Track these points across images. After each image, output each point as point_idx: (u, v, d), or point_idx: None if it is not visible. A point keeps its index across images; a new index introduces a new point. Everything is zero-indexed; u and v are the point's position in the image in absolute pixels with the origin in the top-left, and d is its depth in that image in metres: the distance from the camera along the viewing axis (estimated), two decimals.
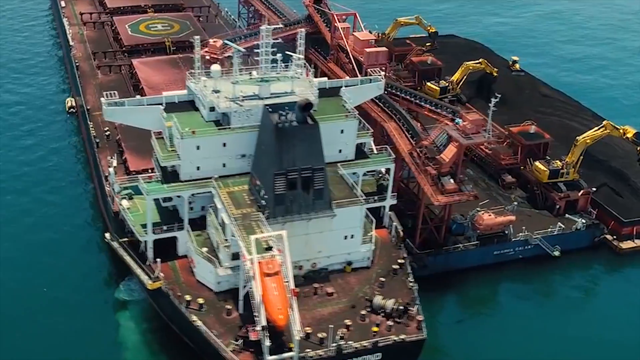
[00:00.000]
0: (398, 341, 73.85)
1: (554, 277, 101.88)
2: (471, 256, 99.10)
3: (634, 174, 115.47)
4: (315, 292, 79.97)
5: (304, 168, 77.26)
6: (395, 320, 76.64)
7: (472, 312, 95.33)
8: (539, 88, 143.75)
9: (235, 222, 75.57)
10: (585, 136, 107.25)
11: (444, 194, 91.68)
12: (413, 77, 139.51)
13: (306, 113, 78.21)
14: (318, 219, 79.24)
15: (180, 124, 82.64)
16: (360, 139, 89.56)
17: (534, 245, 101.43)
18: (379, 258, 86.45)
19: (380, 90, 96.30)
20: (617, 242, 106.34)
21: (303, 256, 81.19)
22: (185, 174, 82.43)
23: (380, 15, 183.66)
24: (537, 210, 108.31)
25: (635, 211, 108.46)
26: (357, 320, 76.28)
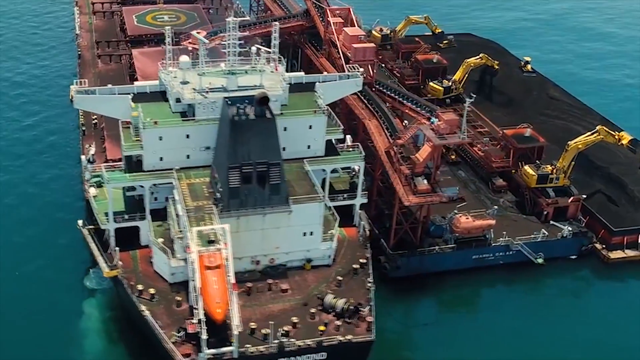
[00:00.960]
0: (344, 342, 72.90)
1: (536, 285, 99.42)
2: (448, 259, 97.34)
3: (633, 182, 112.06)
4: (269, 287, 79.61)
5: (260, 162, 76.98)
6: (346, 320, 75.70)
7: (441, 316, 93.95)
8: (547, 90, 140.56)
9: (186, 213, 75.70)
10: (577, 141, 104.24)
11: (416, 194, 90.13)
12: (417, 75, 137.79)
13: (264, 107, 77.65)
14: (274, 214, 78.88)
15: (146, 114, 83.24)
16: (330, 135, 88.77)
17: (516, 251, 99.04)
18: (343, 257, 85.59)
19: (359, 87, 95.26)
20: (605, 252, 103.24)
21: (260, 251, 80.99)
22: (148, 164, 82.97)
23: (398, 10, 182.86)
24: (524, 216, 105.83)
25: (628, 220, 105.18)
26: (306, 319, 75.62)
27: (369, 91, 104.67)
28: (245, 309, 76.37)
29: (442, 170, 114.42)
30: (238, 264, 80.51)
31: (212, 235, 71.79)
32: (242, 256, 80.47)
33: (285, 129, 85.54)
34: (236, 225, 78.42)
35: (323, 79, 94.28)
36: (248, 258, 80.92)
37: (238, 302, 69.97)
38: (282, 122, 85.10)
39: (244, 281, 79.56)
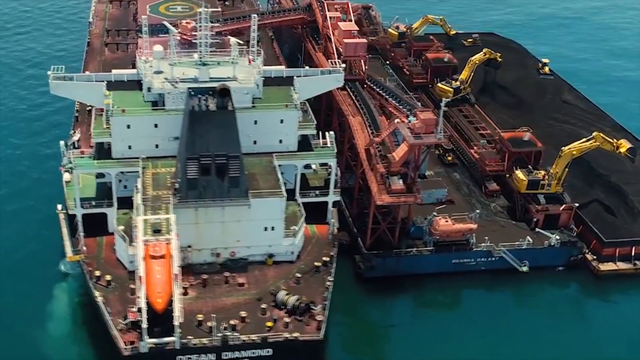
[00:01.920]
0: (291, 339, 72.44)
1: (518, 294, 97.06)
2: (426, 262, 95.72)
3: (635, 192, 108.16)
4: (226, 281, 79.75)
5: (219, 154, 77.08)
6: (296, 318, 75.24)
7: (413, 318, 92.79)
8: (562, 93, 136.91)
9: (143, 202, 76.34)
10: (572, 147, 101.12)
11: (389, 194, 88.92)
12: (425, 74, 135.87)
13: (225, 99, 77.61)
14: (234, 207, 78.93)
15: (118, 102, 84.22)
16: (303, 131, 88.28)
17: (498, 257, 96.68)
18: (309, 254, 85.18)
19: (340, 82, 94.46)
20: (596, 263, 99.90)
21: (221, 244, 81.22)
22: (116, 151, 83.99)
23: (424, 6, 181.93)
24: (514, 222, 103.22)
25: (623, 231, 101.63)
26: (257, 314, 75.44)
27: (358, 87, 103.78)
28: (199, 301, 77.00)
29: (437, 172, 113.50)
30: (198, 256, 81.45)
31: (159, 225, 71.98)
32: (202, 248, 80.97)
33: (256, 122, 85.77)
34: (195, 216, 78.88)
35: (304, 73, 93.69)
36: (208, 250, 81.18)
37: (181, 293, 70.12)
38: (253, 115, 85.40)
39: (203, 273, 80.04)
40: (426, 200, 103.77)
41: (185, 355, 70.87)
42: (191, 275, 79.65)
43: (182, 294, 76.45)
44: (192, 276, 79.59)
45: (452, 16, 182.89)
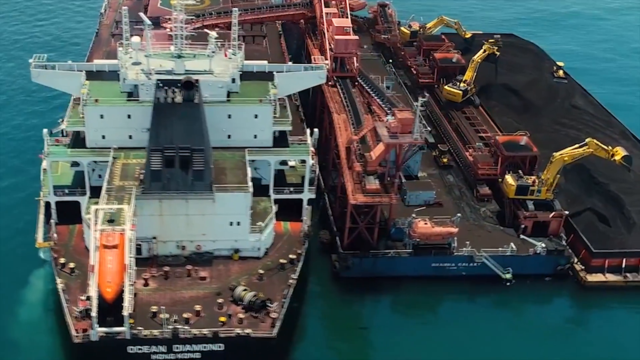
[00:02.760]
0: (242, 335, 72.43)
1: (500, 301, 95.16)
2: (404, 264, 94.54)
3: (633, 203, 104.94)
4: (188, 274, 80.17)
5: (183, 147, 77.45)
6: (252, 314, 75.19)
7: (385, 321, 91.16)
8: (572, 98, 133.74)
9: (107, 192, 77.22)
10: (563, 153, 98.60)
11: (364, 193, 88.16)
12: (432, 74, 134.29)
13: (191, 92, 77.86)
14: (198, 201, 79.23)
15: (95, 92, 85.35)
16: (278, 127, 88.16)
17: (480, 263, 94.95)
18: (278, 250, 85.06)
19: (322, 79, 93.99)
20: (584, 274, 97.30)
21: (186, 237, 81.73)
22: (90, 141, 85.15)
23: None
24: (502, 228, 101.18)
25: (616, 242, 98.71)
26: (213, 309, 75.59)
27: (348, 85, 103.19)
28: (157, 293, 77.63)
29: (431, 174, 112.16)
30: (163, 248, 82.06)
31: (113, 215, 72.64)
32: (167, 240, 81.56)
33: (230, 117, 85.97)
34: (159, 208, 79.47)
35: (287, 69, 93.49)
36: (174, 242, 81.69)
37: (132, 283, 70.71)
38: (227, 109, 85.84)
39: (167, 265, 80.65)
40: (413, 202, 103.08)
41: (136, 346, 71.46)
42: (154, 267, 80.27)
43: (143, 285, 78.11)
44: (155, 268, 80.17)
45: (472, 15, 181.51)
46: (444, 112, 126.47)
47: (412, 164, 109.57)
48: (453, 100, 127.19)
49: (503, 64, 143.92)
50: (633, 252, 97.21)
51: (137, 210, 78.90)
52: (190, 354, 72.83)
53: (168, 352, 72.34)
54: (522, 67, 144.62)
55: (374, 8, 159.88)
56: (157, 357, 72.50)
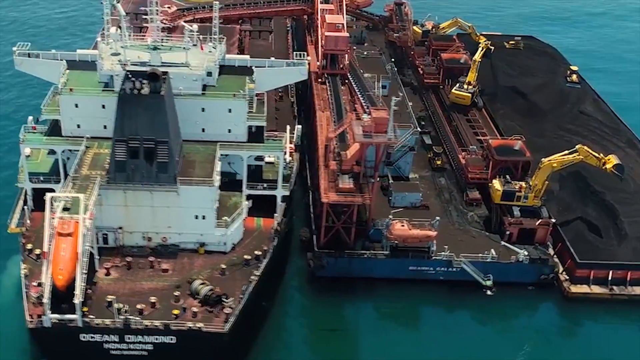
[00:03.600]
0: (194, 329, 72.77)
1: (478, 308, 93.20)
2: (380, 266, 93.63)
3: (628, 213, 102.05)
4: (151, 265, 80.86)
5: (147, 139, 78.09)
6: (207, 308, 75.52)
7: (354, 324, 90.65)
8: (582, 103, 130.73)
9: (72, 180, 78.43)
10: (552, 159, 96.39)
11: (337, 192, 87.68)
12: (438, 74, 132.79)
13: (157, 83, 78.40)
14: (162, 193, 79.84)
15: (72, 82, 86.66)
16: (253, 122, 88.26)
17: (459, 269, 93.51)
18: (246, 246, 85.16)
19: (303, 75, 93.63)
20: (568, 284, 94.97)
21: (152, 228, 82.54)
22: (66, 129, 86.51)
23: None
24: (487, 234, 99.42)
25: (604, 253, 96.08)
26: (170, 301, 76.14)
27: (337, 82, 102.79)
28: (117, 282, 78.56)
29: (424, 175, 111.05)
30: (130, 238, 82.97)
31: (68, 203, 73.61)
32: (133, 231, 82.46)
33: (204, 110, 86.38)
34: (124, 199, 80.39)
35: (269, 64, 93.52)
36: (139, 233, 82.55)
37: (85, 272, 71.64)
38: (200, 103, 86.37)
39: (131, 255, 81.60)
40: (399, 203, 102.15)
41: (88, 334, 72.45)
42: (118, 257, 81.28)
43: (105, 274, 79.18)
44: (119, 257, 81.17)
45: (495, 15, 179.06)
46: (446, 114, 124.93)
47: (402, 165, 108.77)
48: (462, 104, 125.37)
49: (515, 66, 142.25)
50: (620, 264, 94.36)
51: (103, 200, 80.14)
52: (142, 345, 73.46)
53: (120, 342, 73.10)
54: (535, 70, 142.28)
55: (390, 6, 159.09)
56: (110, 347, 73.33)
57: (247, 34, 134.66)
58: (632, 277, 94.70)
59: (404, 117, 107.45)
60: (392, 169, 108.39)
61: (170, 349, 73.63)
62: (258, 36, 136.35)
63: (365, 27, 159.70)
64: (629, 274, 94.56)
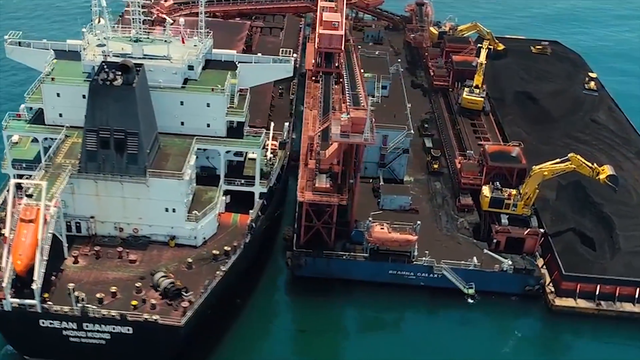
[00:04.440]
0: (150, 321, 73.52)
1: (452, 316, 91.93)
2: (359, 268, 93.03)
3: (624, 227, 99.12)
4: (120, 256, 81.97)
5: (117, 129, 79.14)
6: (167, 301, 76.26)
7: (327, 326, 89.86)
8: (596, 111, 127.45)
9: (45, 168, 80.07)
10: (543, 167, 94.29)
11: (313, 191, 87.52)
12: (448, 76, 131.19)
13: (129, 75, 79.34)
14: (133, 184, 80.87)
15: (57, 71, 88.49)
16: (232, 117, 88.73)
17: (440, 275, 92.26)
18: (218, 241, 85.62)
19: (289, 72, 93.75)
20: (553, 296, 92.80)
21: (123, 219, 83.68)
22: (48, 118, 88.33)
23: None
24: (475, 241, 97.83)
25: (595, 267, 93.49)
26: (132, 292, 77.09)
27: (329, 80, 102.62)
28: (84, 271, 80.00)
29: (419, 179, 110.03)
30: (102, 228, 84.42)
31: (33, 190, 75.06)
32: (105, 220, 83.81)
33: (182, 104, 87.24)
34: (95, 188, 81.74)
35: (256, 60, 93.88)
36: (111, 223, 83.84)
37: (44, 259, 73.05)
38: (179, 96, 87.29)
39: (102, 245, 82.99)
40: (387, 206, 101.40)
41: (47, 320, 73.85)
42: (89, 246, 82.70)
43: (73, 262, 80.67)
44: (89, 246, 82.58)
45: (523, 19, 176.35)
46: (452, 117, 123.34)
47: (397, 167, 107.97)
48: (474, 109, 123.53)
49: (532, 71, 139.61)
50: (608, 279, 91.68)
51: (75, 189, 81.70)
52: (100, 334, 74.52)
53: (78, 330, 74.31)
54: (553, 76, 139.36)
55: (411, 6, 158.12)
56: (69, 334, 74.58)
57: (258, 30, 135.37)
58: (621, 292, 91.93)
59: (400, 119, 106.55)
60: (386, 170, 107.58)
61: (127, 340, 74.53)
62: (269, 33, 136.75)
63: (385, 27, 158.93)
64: (618, 289, 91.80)
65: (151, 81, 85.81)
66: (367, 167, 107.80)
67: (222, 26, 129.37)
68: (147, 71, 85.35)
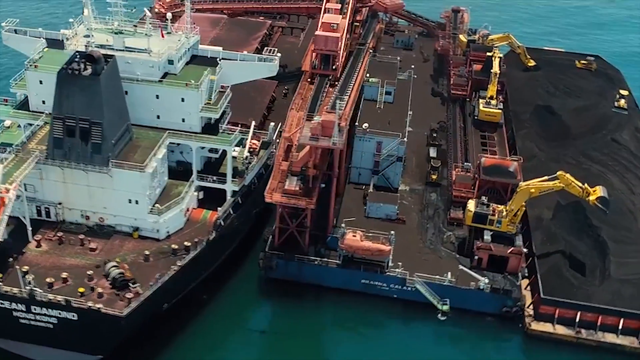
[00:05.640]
0: (93, 309, 75.17)
1: (423, 331, 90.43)
2: (331, 275, 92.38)
3: (620, 253, 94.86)
4: (82, 243, 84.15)
5: (83, 119, 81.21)
6: (115, 291, 77.81)
7: (291, 330, 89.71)
8: (620, 131, 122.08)
9: (15, 152, 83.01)
10: (530, 184, 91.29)
11: (282, 193, 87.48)
12: (466, 86, 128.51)
13: (98, 66, 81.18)
14: (97, 173, 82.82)
15: (45, 59, 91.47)
16: (206, 113, 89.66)
17: (414, 288, 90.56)
18: (183, 236, 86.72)
19: (272, 72, 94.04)
20: (530, 320, 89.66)
21: (89, 207, 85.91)
22: (33, 105, 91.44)
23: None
24: (458, 256, 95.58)
25: (581, 293, 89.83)
26: (83, 279, 79.00)
27: (322, 83, 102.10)
28: (43, 255, 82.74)
29: (415, 189, 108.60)
30: (69, 214, 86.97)
31: None
32: (72, 208, 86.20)
33: (158, 97, 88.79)
34: (62, 175, 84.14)
35: (241, 57, 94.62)
36: (78, 211, 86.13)
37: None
38: (155, 90, 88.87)
39: (68, 231, 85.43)
40: (373, 214, 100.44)
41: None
42: (54, 231, 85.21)
43: (35, 246, 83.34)
44: (53, 231, 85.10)
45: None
46: (464, 127, 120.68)
47: (391, 175, 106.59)
48: (492, 121, 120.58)
49: (561, 85, 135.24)
50: (590, 307, 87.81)
51: (43, 175, 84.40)
52: (47, 318, 76.55)
53: (27, 312, 76.54)
54: (583, 91, 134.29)
55: (447, 12, 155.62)
56: (19, 315, 76.92)
57: (279, 30, 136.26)
58: (603, 322, 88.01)
59: (395, 126, 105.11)
60: (380, 178, 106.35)
61: (72, 326, 76.39)
62: (290, 33, 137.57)
63: (419, 32, 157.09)
64: (600, 318, 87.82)
65: (129, 73, 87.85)
66: (361, 174, 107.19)
67: (242, 24, 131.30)
68: (125, 63, 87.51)
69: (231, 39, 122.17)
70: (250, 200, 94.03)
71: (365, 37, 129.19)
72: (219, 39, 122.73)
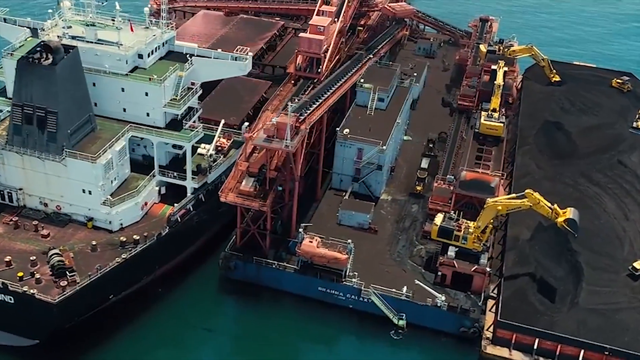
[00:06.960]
0: (28, 294, 77.25)
1: (374, 345, 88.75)
2: (288, 280, 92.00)
3: (595, 281, 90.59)
4: (35, 229, 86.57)
5: (39, 107, 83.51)
6: (54, 279, 79.73)
7: (242, 332, 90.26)
8: (630, 153, 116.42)
9: None
10: (497, 200, 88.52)
11: (236, 193, 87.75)
12: (474, 97, 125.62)
13: (57, 56, 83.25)
14: (52, 162, 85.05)
15: (24, 48, 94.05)
16: (170, 109, 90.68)
17: (370, 300, 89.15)
18: (138, 229, 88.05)
19: (243, 71, 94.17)
20: (486, 343, 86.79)
21: (47, 195, 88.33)
22: (9, 91, 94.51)
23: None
24: (424, 271, 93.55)
25: (544, 319, 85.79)
26: (27, 265, 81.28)
27: (305, 85, 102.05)
28: None
29: (397, 199, 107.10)
30: (30, 200, 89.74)
31: None
32: (32, 194, 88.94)
33: (124, 90, 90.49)
34: (21, 162, 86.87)
35: (215, 55, 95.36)
36: (37, 197, 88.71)
37: None
38: (120, 83, 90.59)
39: (27, 217, 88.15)
40: (345, 222, 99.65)
41: None
42: (9, 215, 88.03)
43: None
44: (10, 216, 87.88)
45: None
46: (460, 139, 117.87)
47: (373, 184, 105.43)
48: (494, 135, 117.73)
49: (578, 102, 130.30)
50: (549, 334, 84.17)
51: (5, 160, 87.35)
52: None
53: None
54: (601, 109, 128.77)
55: (475, 22, 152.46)
56: None
57: (292, 31, 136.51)
58: (564, 351, 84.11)
59: (376, 134, 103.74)
60: (361, 185, 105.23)
61: (10, 309, 78.80)
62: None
63: (446, 41, 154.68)
64: (559, 347, 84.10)
65: (97, 65, 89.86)
66: (343, 180, 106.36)
67: (254, 23, 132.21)
68: (94, 55, 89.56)
69: (238, 38, 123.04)
70: (216, 199, 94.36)
71: (378, 42, 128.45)
72: (226, 37, 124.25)
